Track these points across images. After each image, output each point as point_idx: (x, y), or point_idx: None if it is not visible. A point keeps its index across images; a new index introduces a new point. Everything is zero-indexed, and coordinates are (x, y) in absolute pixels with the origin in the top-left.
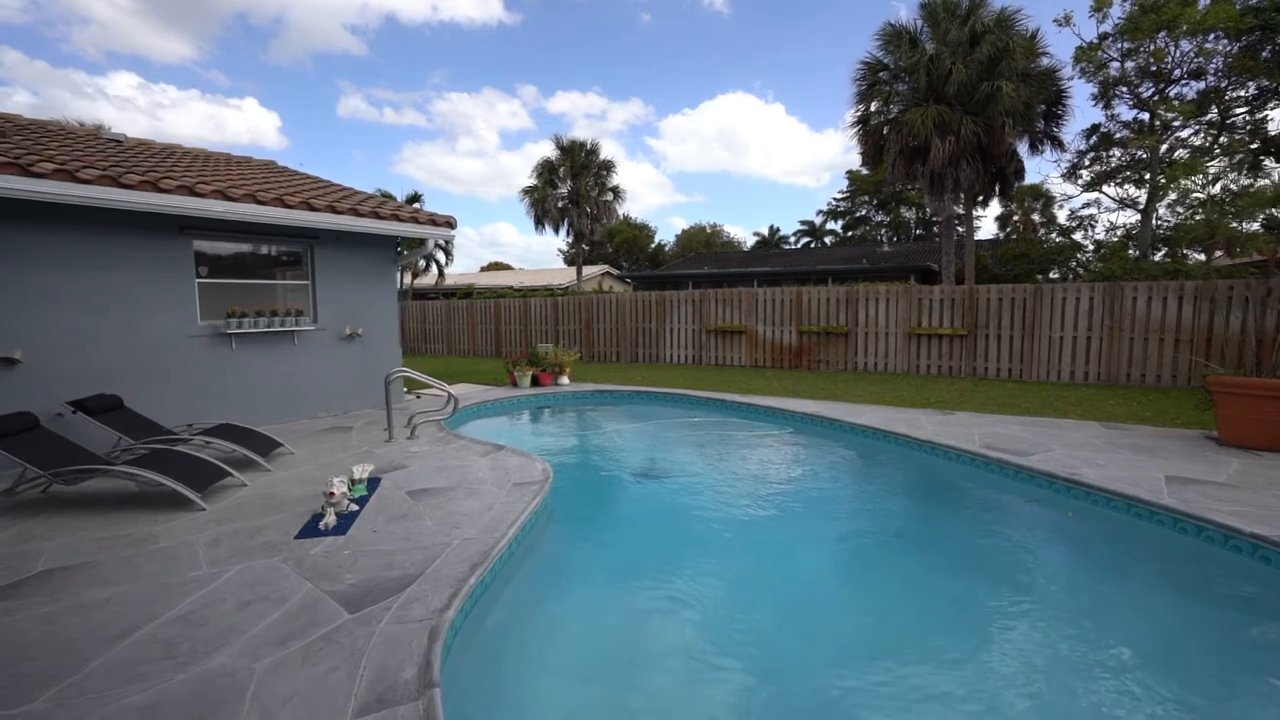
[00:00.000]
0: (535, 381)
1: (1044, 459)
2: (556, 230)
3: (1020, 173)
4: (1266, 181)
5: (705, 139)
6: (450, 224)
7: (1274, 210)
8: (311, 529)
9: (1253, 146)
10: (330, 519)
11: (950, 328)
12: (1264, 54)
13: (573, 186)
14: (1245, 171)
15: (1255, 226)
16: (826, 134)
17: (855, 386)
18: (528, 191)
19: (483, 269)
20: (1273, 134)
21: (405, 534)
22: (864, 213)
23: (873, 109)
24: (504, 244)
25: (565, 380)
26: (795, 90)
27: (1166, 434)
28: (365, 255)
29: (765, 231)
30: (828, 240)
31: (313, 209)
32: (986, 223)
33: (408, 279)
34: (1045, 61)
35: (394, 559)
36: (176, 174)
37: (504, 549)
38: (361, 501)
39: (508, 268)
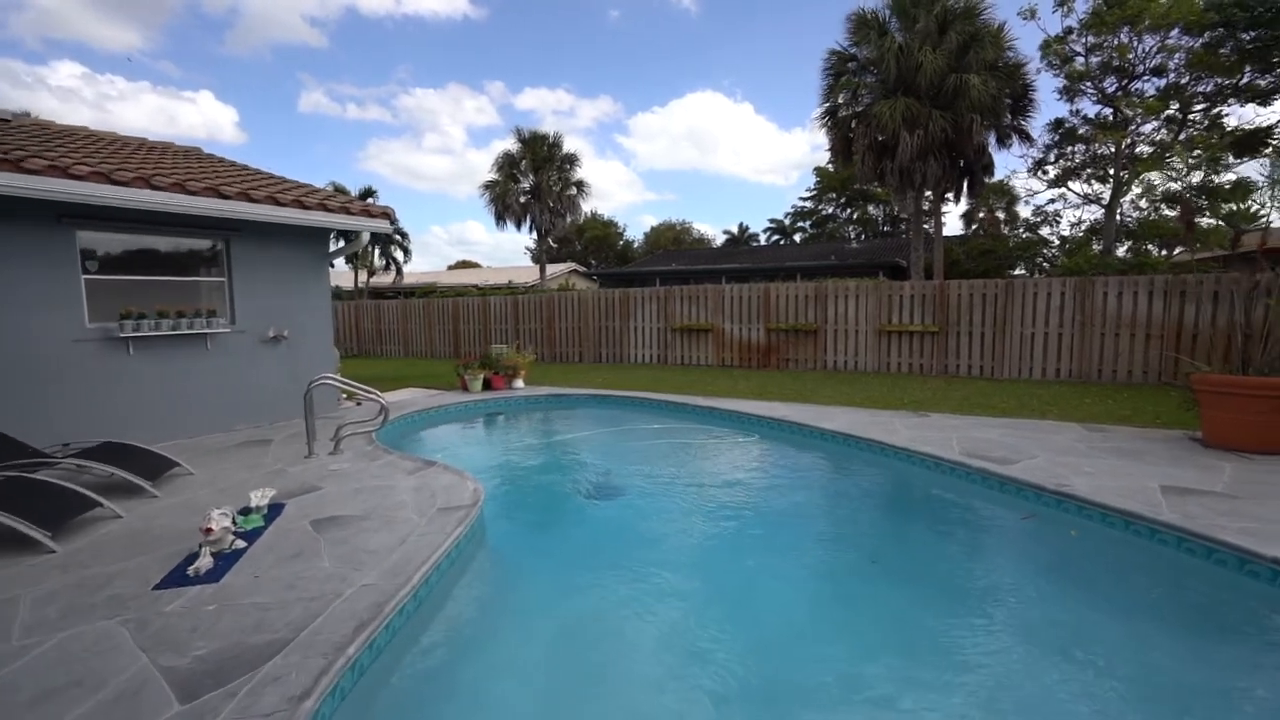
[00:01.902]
0: (487, 385)
1: (1029, 468)
2: (519, 226)
3: (989, 168)
4: (1231, 176)
5: (675, 137)
6: (387, 215)
7: (1240, 205)
8: (178, 575)
9: (1218, 140)
10: (205, 561)
11: (921, 324)
12: (1224, 51)
13: (535, 181)
14: (1209, 167)
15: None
16: (795, 133)
17: (825, 386)
18: (488, 186)
19: (450, 267)
20: (1248, 129)
21: (292, 580)
22: (831, 210)
23: (840, 101)
24: (473, 242)
25: (520, 383)
26: (763, 89)
27: (1149, 435)
28: (292, 249)
29: (735, 229)
30: (797, 238)
31: (222, 196)
32: (951, 220)
33: (364, 277)
34: (1011, 56)
35: (267, 616)
36: (54, 154)
37: (406, 599)
38: (253, 536)
39: (476, 266)
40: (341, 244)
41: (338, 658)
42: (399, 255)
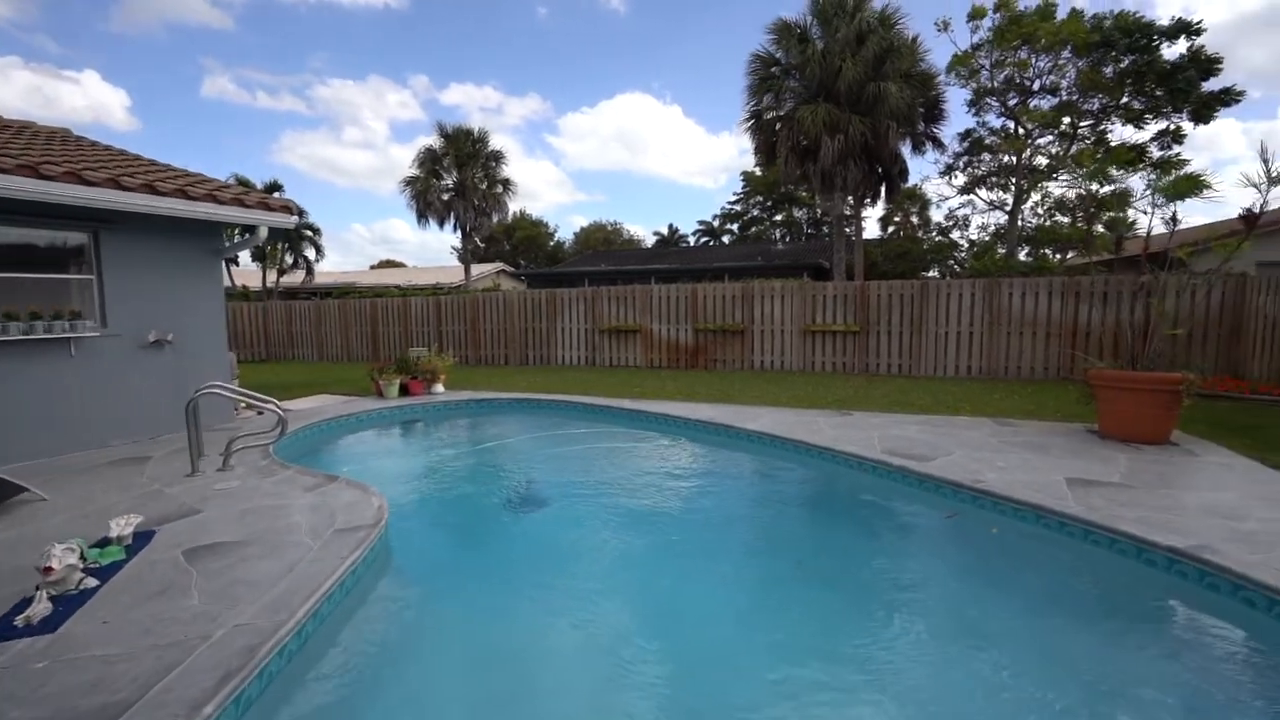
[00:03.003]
0: (404, 390)
1: (946, 464)
2: (441, 224)
3: (904, 174)
4: (1112, 187)
5: (605, 138)
6: (288, 209)
7: (1118, 213)
8: (3, 627)
9: (1103, 155)
10: (40, 608)
11: (844, 324)
12: (1107, 71)
13: (459, 178)
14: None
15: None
16: (722, 136)
17: (752, 387)
18: (409, 182)
19: (373, 266)
20: (1129, 145)
21: (150, 623)
22: (757, 213)
23: (765, 104)
24: (397, 241)
25: (439, 388)
26: (692, 92)
27: (1053, 429)
28: (178, 244)
29: (665, 231)
30: (725, 240)
31: (86, 182)
32: (869, 223)
33: (274, 276)
34: (924, 66)
35: (110, 672)
36: None
37: (287, 638)
38: (110, 572)
39: (401, 265)
40: (237, 239)
41: None
42: (310, 253)
